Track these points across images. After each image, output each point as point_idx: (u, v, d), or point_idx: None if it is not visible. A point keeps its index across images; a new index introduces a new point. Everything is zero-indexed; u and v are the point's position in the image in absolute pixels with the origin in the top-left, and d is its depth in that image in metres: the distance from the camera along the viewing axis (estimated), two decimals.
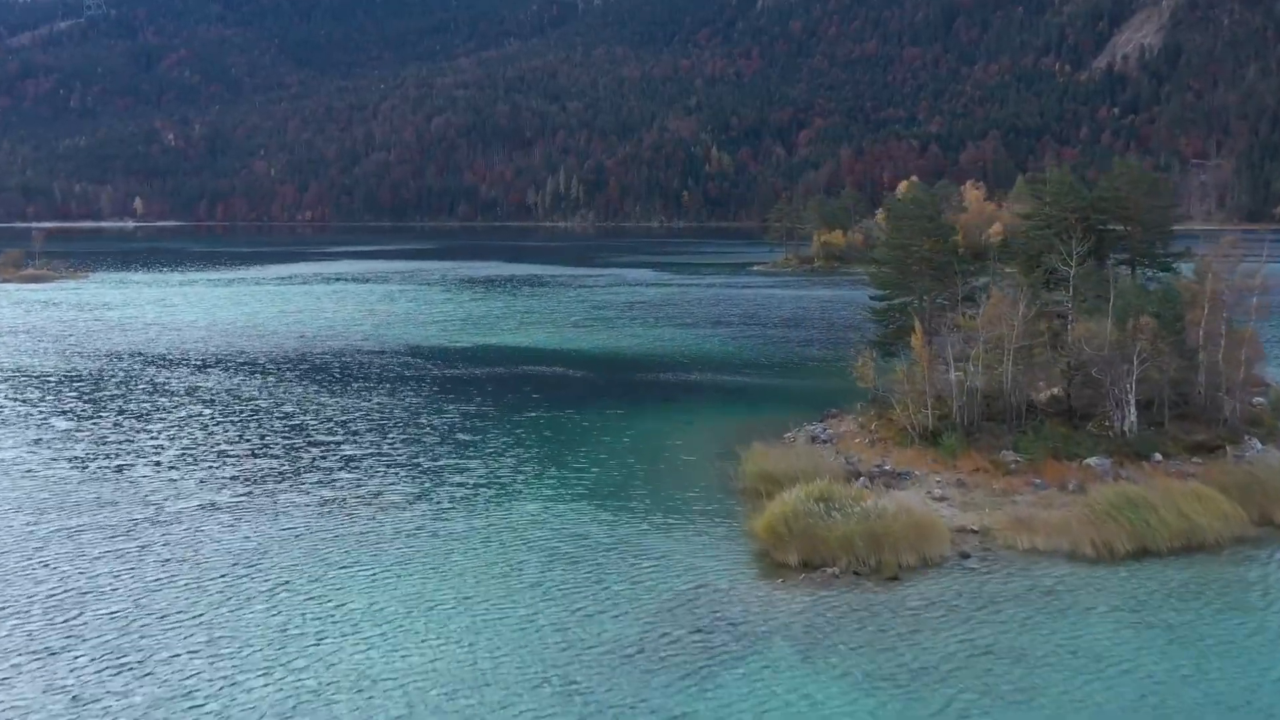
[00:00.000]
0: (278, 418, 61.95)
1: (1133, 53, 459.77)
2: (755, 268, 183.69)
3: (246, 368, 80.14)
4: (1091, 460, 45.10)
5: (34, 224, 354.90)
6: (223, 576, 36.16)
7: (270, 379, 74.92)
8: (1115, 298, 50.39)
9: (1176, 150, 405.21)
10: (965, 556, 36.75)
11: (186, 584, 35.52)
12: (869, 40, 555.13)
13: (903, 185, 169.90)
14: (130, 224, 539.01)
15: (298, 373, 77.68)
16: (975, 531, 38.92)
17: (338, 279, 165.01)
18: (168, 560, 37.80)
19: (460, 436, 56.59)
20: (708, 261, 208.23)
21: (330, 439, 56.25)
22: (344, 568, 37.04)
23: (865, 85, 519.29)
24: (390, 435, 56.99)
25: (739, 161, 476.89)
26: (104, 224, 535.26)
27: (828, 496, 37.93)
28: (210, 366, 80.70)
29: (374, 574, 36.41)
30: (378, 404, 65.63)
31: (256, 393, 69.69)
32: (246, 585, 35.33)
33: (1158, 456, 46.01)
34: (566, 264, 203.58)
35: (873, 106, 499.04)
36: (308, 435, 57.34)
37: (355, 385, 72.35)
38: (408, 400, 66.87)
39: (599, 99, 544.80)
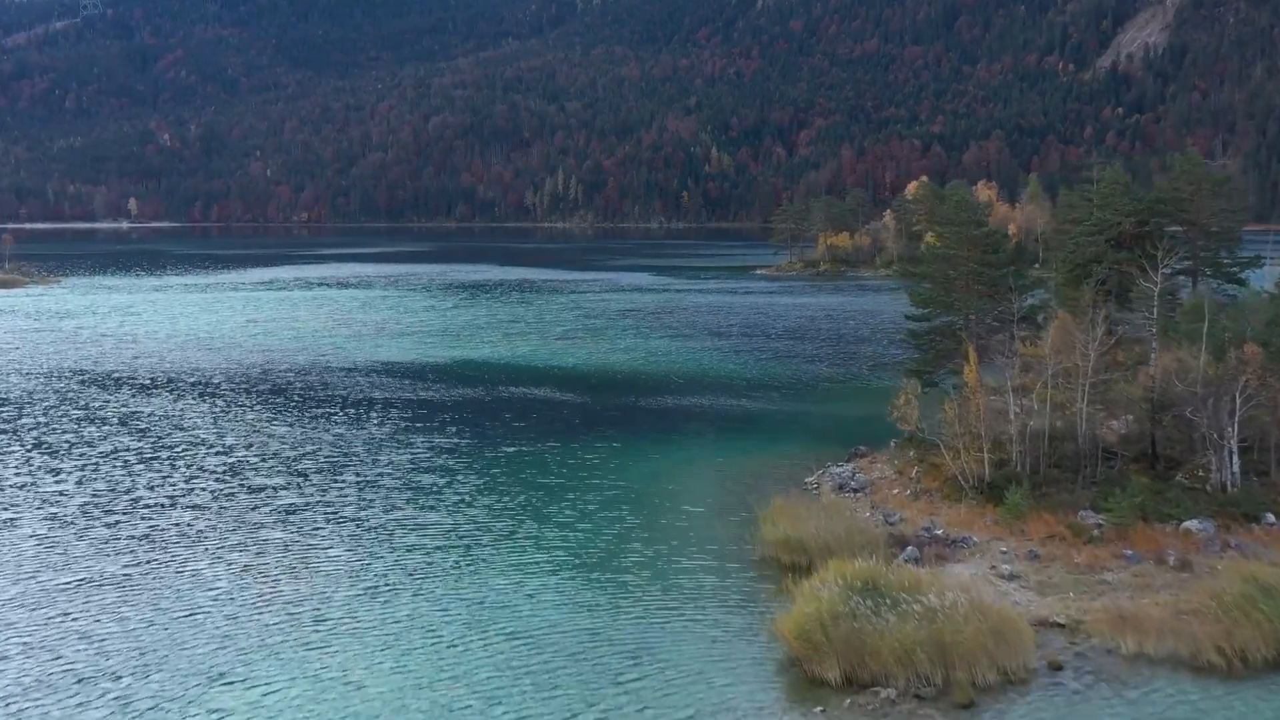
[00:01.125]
0: (215, 454, 53.37)
1: (1137, 52, 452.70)
2: (758, 271, 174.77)
3: (195, 389, 71.43)
4: (1191, 524, 36.59)
5: (6, 225, 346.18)
6: (80, 699, 27.56)
7: (218, 404, 66.27)
8: (1209, 320, 41.70)
9: (1183, 150, 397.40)
10: (1057, 669, 28.13)
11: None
12: (870, 39, 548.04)
13: (912, 186, 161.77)
14: (125, 225, 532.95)
15: (250, 396, 69.01)
16: (1061, 626, 30.35)
17: (320, 284, 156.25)
18: (21, 671, 29.24)
19: (423, 480, 48.02)
20: (708, 265, 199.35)
21: (269, 483, 47.71)
22: (242, 666, 28.62)
23: (866, 85, 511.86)
24: (341, 478, 48.46)
25: (739, 162, 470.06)
26: (98, 225, 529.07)
27: (875, 585, 29.33)
28: (155, 388, 72.06)
29: (270, 683, 27.93)
30: (333, 437, 56.99)
31: (199, 421, 61.08)
32: (107, 708, 26.80)
33: (1270, 518, 37.49)
34: (561, 267, 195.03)
35: (874, 106, 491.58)
36: (244, 478, 48.79)
37: (311, 412, 63.69)
38: (368, 431, 58.29)
39: (598, 99, 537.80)
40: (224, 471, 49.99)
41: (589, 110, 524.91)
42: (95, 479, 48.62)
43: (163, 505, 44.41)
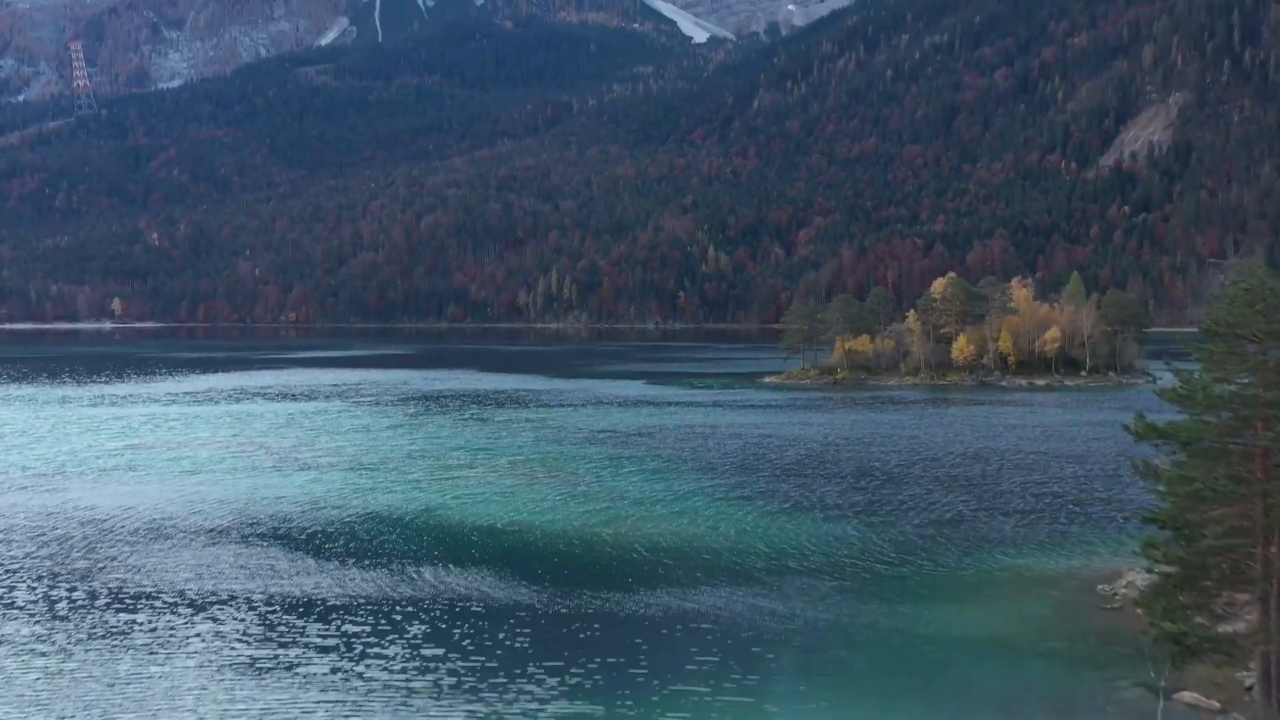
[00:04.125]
0: None
1: (1141, 150, 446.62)
2: (767, 379, 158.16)
3: None
4: None
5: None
6: None
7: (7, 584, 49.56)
8: None
9: (1193, 249, 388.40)
10: None
11: None
12: (868, 138, 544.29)
13: (938, 283, 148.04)
14: (108, 326, 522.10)
15: (57, 574, 50.88)
16: None
17: (259, 394, 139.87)
18: None
19: None
20: (709, 371, 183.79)
21: None
22: None
23: (865, 184, 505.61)
24: None
25: (737, 262, 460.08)
26: (80, 326, 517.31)
27: None
28: None
29: None
30: (129, 670, 38.48)
31: None
32: None
33: None
34: (546, 374, 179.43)
35: (874, 205, 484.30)
36: None
37: (119, 614, 44.73)
38: (200, 647, 40.88)
39: (593, 198, 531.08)
40: None
41: (584, 209, 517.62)
42: None
43: None
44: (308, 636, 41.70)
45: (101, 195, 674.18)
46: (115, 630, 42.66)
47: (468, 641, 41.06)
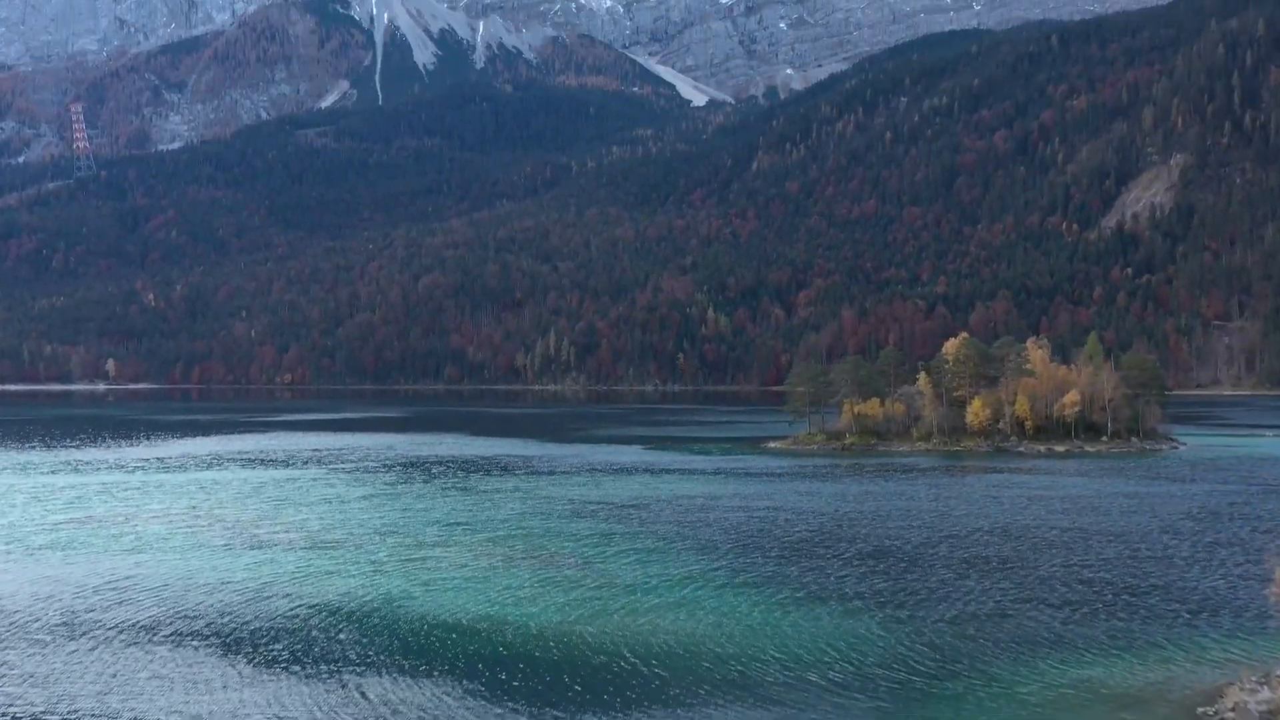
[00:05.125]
0: None
1: (1143, 212, 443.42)
2: (772, 444, 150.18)
3: None
4: None
5: None
6: None
7: None
8: None
9: (1198, 312, 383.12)
10: None
11: None
12: (867, 200, 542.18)
13: (950, 343, 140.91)
14: (101, 387, 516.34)
15: None
16: None
17: (233, 460, 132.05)
18: None
19: None
20: (710, 436, 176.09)
21: None
22: None
23: (865, 245, 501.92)
24: None
25: (736, 324, 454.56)
26: (74, 387, 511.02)
27: None
28: None
29: None
30: None
31: None
32: None
33: None
34: (541, 437, 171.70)
35: (874, 266, 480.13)
36: None
37: None
38: None
39: (591, 259, 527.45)
40: None
41: (582, 270, 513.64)
42: None
43: None
44: None
45: (99, 256, 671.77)
46: None
47: None
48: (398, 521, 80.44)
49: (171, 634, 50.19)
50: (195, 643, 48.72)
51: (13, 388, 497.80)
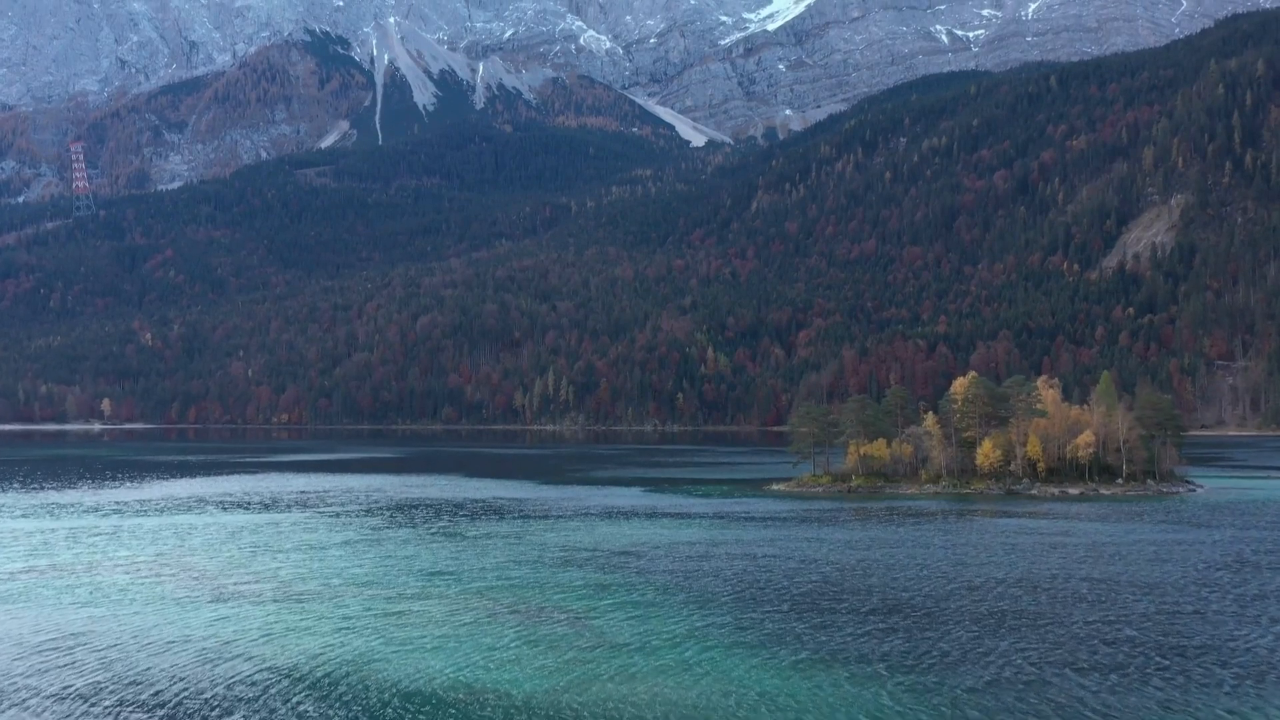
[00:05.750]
0: None
1: (1144, 251, 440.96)
2: (775, 486, 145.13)
3: None
4: None
5: None
6: None
7: None
8: None
9: (1201, 352, 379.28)
10: None
11: None
12: (867, 240, 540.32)
13: (959, 382, 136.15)
14: (97, 427, 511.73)
15: None
16: None
17: (214, 502, 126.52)
18: None
19: None
20: (711, 477, 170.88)
21: None
22: None
23: (865, 285, 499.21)
24: None
25: (736, 363, 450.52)
26: (69, 427, 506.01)
27: None
28: None
29: None
30: None
31: None
32: None
33: None
34: (537, 478, 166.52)
35: (874, 306, 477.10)
36: None
37: None
38: None
39: (590, 298, 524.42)
40: None
41: (581, 310, 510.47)
42: None
43: None
44: None
45: (96, 295, 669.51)
46: None
47: None
48: (376, 571, 75.27)
49: (114, 703, 45.10)
50: (138, 715, 43.62)
51: (7, 428, 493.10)
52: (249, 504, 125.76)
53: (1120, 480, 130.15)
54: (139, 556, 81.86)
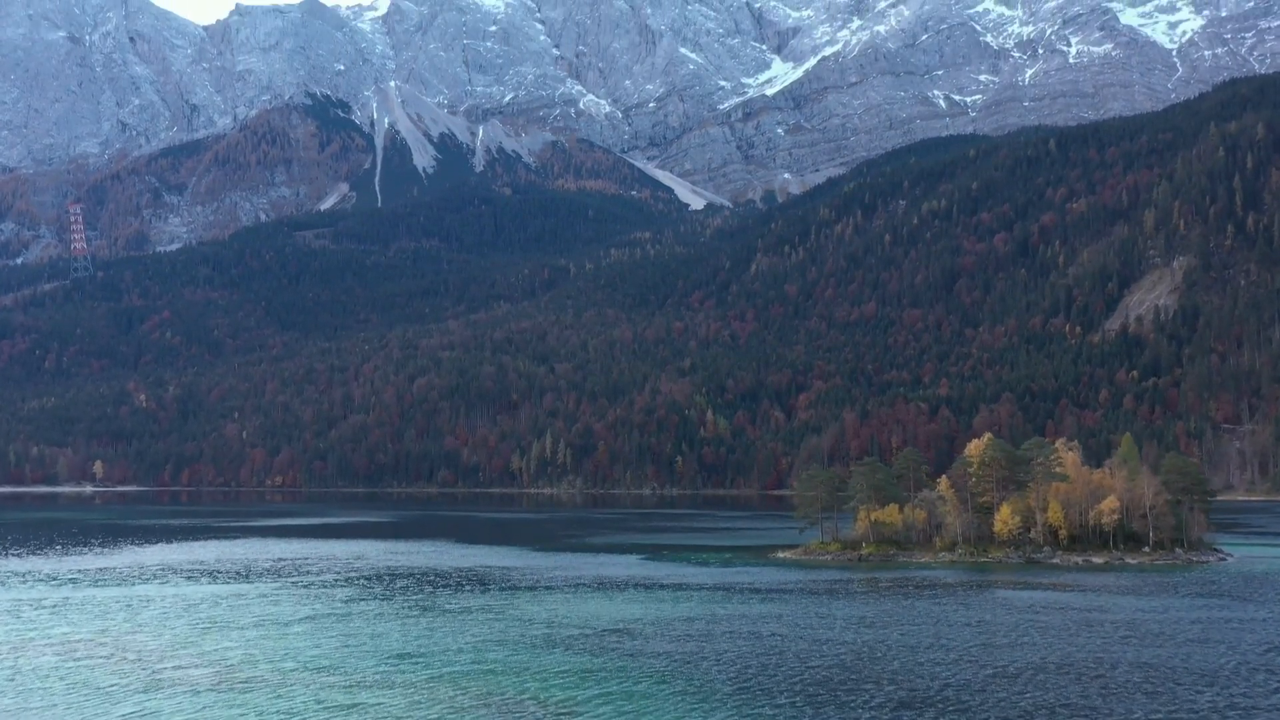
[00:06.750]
0: None
1: (1147, 314, 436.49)
2: (781, 554, 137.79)
3: None
4: None
5: None
6: None
7: None
8: None
9: (1207, 415, 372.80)
10: None
11: None
12: (867, 302, 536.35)
13: (974, 445, 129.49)
14: (89, 489, 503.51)
15: None
16: None
17: (181, 571, 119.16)
18: None
19: None
20: (712, 544, 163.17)
21: None
22: None
23: (866, 347, 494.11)
24: None
25: (736, 426, 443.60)
26: (61, 489, 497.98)
27: None
28: None
29: None
30: None
31: None
32: None
33: None
34: (530, 545, 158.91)
35: (875, 369, 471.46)
36: None
37: None
38: None
39: (589, 360, 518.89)
40: None
41: (579, 372, 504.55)
42: None
43: None
44: None
45: (92, 357, 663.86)
46: None
47: None
48: (336, 652, 67.85)
49: None
50: None
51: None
52: (218, 573, 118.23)
53: (1147, 549, 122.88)
54: (76, 634, 74.51)
